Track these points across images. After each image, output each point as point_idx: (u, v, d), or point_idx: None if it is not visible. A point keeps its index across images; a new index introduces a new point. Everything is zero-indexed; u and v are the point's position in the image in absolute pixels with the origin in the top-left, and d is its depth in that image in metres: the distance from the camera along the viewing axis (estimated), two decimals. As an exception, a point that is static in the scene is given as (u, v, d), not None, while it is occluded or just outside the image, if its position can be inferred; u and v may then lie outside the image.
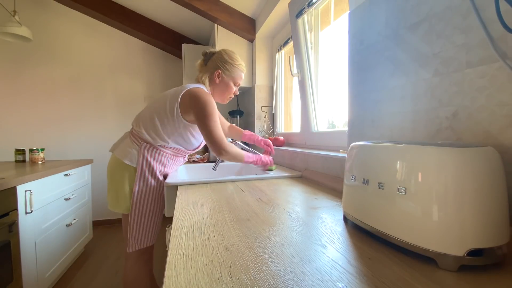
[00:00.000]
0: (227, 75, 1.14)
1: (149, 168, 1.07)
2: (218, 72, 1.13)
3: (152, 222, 1.10)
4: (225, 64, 1.13)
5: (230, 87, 1.17)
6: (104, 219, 2.75)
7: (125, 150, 1.09)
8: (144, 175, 1.06)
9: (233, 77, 1.15)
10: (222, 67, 1.13)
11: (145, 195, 1.07)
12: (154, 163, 1.08)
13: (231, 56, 1.15)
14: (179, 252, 0.44)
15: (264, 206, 0.72)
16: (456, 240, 0.37)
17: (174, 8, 2.24)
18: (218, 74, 1.13)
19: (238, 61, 1.16)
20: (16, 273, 1.28)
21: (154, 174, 1.08)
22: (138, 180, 1.06)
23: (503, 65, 0.46)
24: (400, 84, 0.68)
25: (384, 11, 0.73)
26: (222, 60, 1.14)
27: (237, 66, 1.15)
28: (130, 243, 1.08)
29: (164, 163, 1.11)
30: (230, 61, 1.14)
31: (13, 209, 1.27)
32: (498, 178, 0.38)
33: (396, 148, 0.45)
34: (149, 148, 1.07)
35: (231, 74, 1.15)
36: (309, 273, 0.38)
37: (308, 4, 1.35)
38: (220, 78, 1.14)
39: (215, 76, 1.13)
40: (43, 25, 2.49)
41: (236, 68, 1.15)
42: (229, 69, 1.14)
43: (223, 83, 1.15)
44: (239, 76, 1.17)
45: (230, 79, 1.15)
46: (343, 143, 1.13)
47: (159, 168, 1.10)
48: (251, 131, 1.50)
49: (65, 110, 2.61)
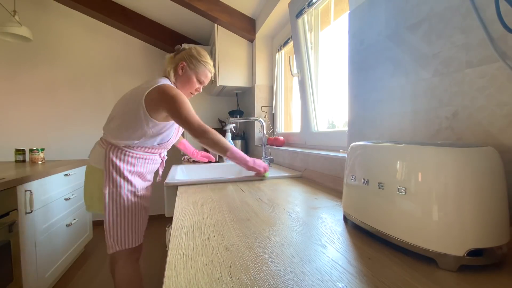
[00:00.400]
0: (191, 69, 1.14)
1: (116, 169, 1.07)
2: (182, 63, 1.13)
3: (130, 222, 1.10)
4: (191, 58, 1.14)
5: (193, 81, 1.16)
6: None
7: (95, 154, 1.12)
8: (111, 176, 1.06)
9: (197, 72, 1.15)
10: (188, 60, 1.14)
11: (117, 196, 1.06)
12: (120, 164, 1.07)
13: (199, 52, 1.16)
14: (179, 252, 0.44)
15: (264, 206, 0.72)
16: (456, 240, 0.37)
17: (174, 8, 2.24)
18: (182, 66, 1.13)
19: (205, 59, 1.16)
20: (16, 273, 1.28)
21: (122, 174, 1.07)
22: (107, 182, 1.06)
23: (503, 65, 0.46)
24: (400, 84, 0.68)
25: (384, 11, 0.73)
26: (189, 54, 1.15)
27: (203, 62, 1.15)
28: (109, 244, 1.08)
29: (132, 162, 1.11)
30: (196, 56, 1.14)
31: (13, 209, 1.27)
32: (498, 178, 0.38)
33: (396, 148, 0.45)
34: (113, 149, 1.08)
35: (195, 69, 1.14)
36: (309, 273, 0.38)
37: (308, 4, 1.35)
38: (183, 70, 1.14)
39: (179, 67, 1.14)
40: (43, 25, 2.49)
41: (202, 64, 1.15)
42: (194, 63, 1.14)
43: (186, 75, 1.14)
44: (203, 73, 1.16)
45: (193, 73, 1.15)
46: (343, 143, 1.13)
47: (127, 168, 1.09)
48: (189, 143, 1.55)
49: (65, 110, 2.61)
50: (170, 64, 1.16)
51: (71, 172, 1.87)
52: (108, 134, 1.10)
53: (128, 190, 1.09)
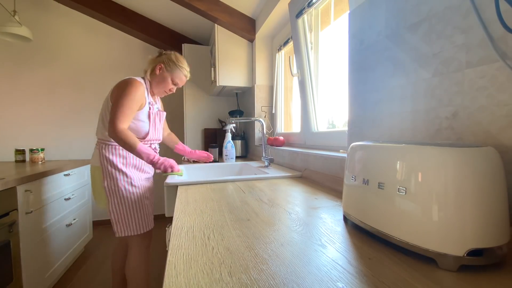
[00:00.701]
0: (167, 71, 1.26)
1: (109, 162, 1.18)
2: (160, 65, 1.26)
3: (132, 211, 1.21)
4: (169, 61, 1.26)
5: (167, 82, 1.27)
6: (104, 219, 2.75)
7: (94, 155, 1.25)
8: (107, 170, 1.18)
9: (172, 74, 1.27)
10: (166, 63, 1.26)
11: (115, 187, 1.18)
12: (113, 158, 1.18)
13: (177, 58, 1.29)
14: (179, 252, 0.44)
15: (264, 206, 0.72)
16: (456, 240, 0.37)
17: (174, 8, 2.24)
18: (160, 67, 1.26)
19: (182, 64, 1.29)
20: (16, 273, 1.28)
21: (116, 167, 1.18)
22: (105, 177, 1.18)
23: (503, 65, 0.46)
24: (400, 84, 0.68)
25: (384, 11, 0.73)
26: (168, 58, 1.27)
27: (179, 67, 1.28)
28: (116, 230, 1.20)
29: (124, 155, 1.21)
30: (174, 61, 1.27)
31: (13, 209, 1.27)
32: (498, 178, 0.38)
33: (396, 148, 0.45)
34: (104, 146, 1.20)
35: (171, 71, 1.27)
36: (309, 273, 0.38)
37: (308, 4, 1.35)
38: (160, 71, 1.26)
39: (156, 68, 1.26)
40: (43, 25, 2.49)
41: (178, 68, 1.28)
42: (171, 66, 1.26)
43: (161, 76, 1.27)
44: (179, 76, 1.29)
45: (169, 74, 1.27)
46: (343, 143, 1.13)
47: (120, 160, 1.20)
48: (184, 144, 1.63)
49: (65, 110, 2.61)
50: (150, 64, 1.29)
51: (71, 172, 1.87)
52: (98, 132, 1.23)
53: (124, 181, 1.19)
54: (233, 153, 1.84)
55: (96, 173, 1.22)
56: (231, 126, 1.89)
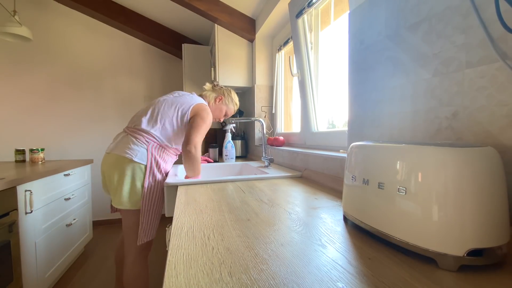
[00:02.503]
0: (224, 103, 1.48)
1: (157, 165, 1.19)
2: (220, 97, 1.47)
3: (157, 216, 1.21)
4: (228, 96, 1.49)
5: (222, 112, 1.49)
6: (104, 219, 2.75)
7: (131, 148, 1.15)
8: (153, 171, 1.17)
9: (228, 106, 1.49)
10: (225, 96, 1.48)
11: (154, 190, 1.18)
12: (160, 161, 1.21)
13: (234, 95, 1.53)
14: (179, 252, 0.44)
15: (264, 206, 0.72)
16: (456, 240, 0.37)
17: (174, 8, 2.24)
18: (220, 99, 1.47)
19: (235, 100, 1.52)
20: (16, 273, 1.28)
21: (160, 170, 1.21)
22: (148, 177, 1.16)
23: (503, 65, 0.46)
24: (400, 84, 0.68)
25: (384, 11, 0.73)
26: (227, 92, 1.50)
27: (233, 103, 1.51)
28: (141, 237, 1.15)
29: (166, 160, 1.26)
30: (231, 96, 1.50)
31: (13, 209, 1.27)
32: (498, 178, 0.38)
33: (396, 148, 0.45)
34: (156, 146, 1.20)
35: (228, 104, 1.49)
36: (309, 273, 0.38)
37: (308, 4, 1.35)
38: (219, 102, 1.47)
39: (217, 99, 1.46)
40: (43, 25, 2.49)
41: (232, 104, 1.51)
42: (228, 100, 1.49)
43: (219, 106, 1.47)
44: (231, 109, 1.51)
45: (225, 106, 1.49)
46: (343, 143, 1.13)
47: (162, 164, 1.23)
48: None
49: (65, 110, 2.61)
50: (211, 92, 1.47)
51: (71, 172, 1.87)
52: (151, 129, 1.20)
53: (160, 184, 1.21)
54: (233, 153, 1.84)
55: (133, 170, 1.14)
56: (231, 126, 1.89)
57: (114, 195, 1.14)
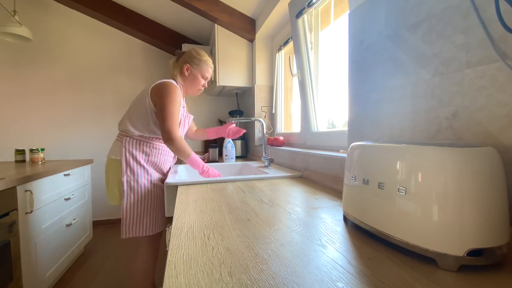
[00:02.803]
0: (195, 68, 1.28)
1: (133, 156, 1.16)
2: (187, 65, 1.27)
3: (146, 210, 1.17)
4: (193, 59, 1.27)
5: (198, 79, 1.29)
6: (104, 219, 2.75)
7: (113, 149, 1.22)
8: (129, 164, 1.15)
9: (200, 69, 1.29)
10: (190, 61, 1.27)
11: (134, 183, 1.15)
12: (136, 153, 1.17)
13: (198, 52, 1.29)
14: (179, 252, 0.44)
15: (264, 206, 0.72)
16: (456, 240, 0.37)
17: (174, 8, 2.24)
18: (187, 68, 1.27)
19: (205, 57, 1.30)
20: (16, 273, 1.28)
21: (139, 162, 1.16)
22: (125, 170, 1.14)
23: (503, 65, 0.46)
24: (400, 84, 0.68)
25: (384, 11, 0.73)
26: (190, 56, 1.28)
27: (204, 61, 1.29)
28: (123, 231, 1.15)
29: (147, 152, 1.20)
30: (197, 57, 1.28)
31: (13, 209, 1.27)
32: (498, 178, 0.38)
33: (396, 148, 0.45)
34: (129, 140, 1.18)
35: (198, 68, 1.28)
36: (309, 273, 0.38)
37: (308, 4, 1.35)
38: (188, 71, 1.27)
39: (184, 70, 1.27)
40: (43, 25, 2.49)
41: (203, 62, 1.29)
42: (196, 63, 1.27)
43: (192, 75, 1.28)
44: (206, 69, 1.30)
45: (198, 71, 1.28)
46: (343, 143, 1.13)
47: (142, 156, 1.18)
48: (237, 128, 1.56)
49: (65, 110, 2.61)
50: (175, 68, 1.30)
51: (71, 172, 1.87)
52: (123, 124, 1.21)
53: (144, 178, 1.17)
54: (233, 153, 1.84)
55: (113, 166, 1.18)
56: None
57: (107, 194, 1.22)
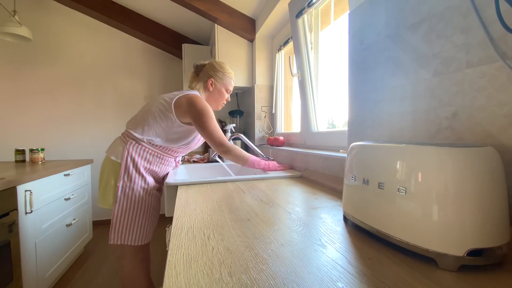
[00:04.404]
0: (219, 83, 1.24)
1: (133, 163, 1.10)
2: (211, 80, 1.23)
3: (137, 219, 1.11)
4: (216, 73, 1.23)
5: (223, 94, 1.26)
6: (104, 219, 2.75)
7: (114, 148, 1.15)
8: (128, 170, 1.09)
9: (225, 84, 1.25)
10: (214, 75, 1.23)
11: (129, 190, 1.09)
12: (138, 159, 1.11)
13: (221, 66, 1.26)
14: (179, 252, 0.44)
15: (264, 206, 0.72)
16: (456, 240, 0.37)
17: (174, 8, 2.24)
18: (211, 82, 1.23)
19: (228, 70, 1.27)
20: (16, 273, 1.28)
21: (138, 170, 1.10)
22: (122, 175, 1.09)
23: (503, 65, 0.46)
24: (400, 84, 0.68)
25: (384, 11, 0.73)
26: (213, 70, 1.23)
27: (228, 74, 1.26)
28: (112, 236, 1.10)
29: (149, 160, 1.14)
30: (221, 70, 1.24)
31: (13, 209, 1.27)
32: (498, 178, 0.38)
33: (396, 148, 0.45)
34: (134, 144, 1.11)
35: (223, 82, 1.25)
36: (309, 273, 0.38)
37: (308, 4, 1.35)
38: (213, 86, 1.23)
39: (208, 84, 1.23)
40: (43, 25, 2.49)
41: (227, 76, 1.26)
42: (220, 77, 1.24)
43: (216, 90, 1.25)
44: (230, 83, 1.27)
45: (222, 86, 1.25)
46: (343, 143, 1.13)
47: (143, 164, 1.13)
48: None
49: (65, 110, 2.61)
50: (196, 81, 1.24)
51: (71, 172, 1.87)
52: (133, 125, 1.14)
53: (141, 186, 1.11)
54: (233, 153, 1.83)
55: (111, 168, 1.12)
56: (231, 126, 1.89)
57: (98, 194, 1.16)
